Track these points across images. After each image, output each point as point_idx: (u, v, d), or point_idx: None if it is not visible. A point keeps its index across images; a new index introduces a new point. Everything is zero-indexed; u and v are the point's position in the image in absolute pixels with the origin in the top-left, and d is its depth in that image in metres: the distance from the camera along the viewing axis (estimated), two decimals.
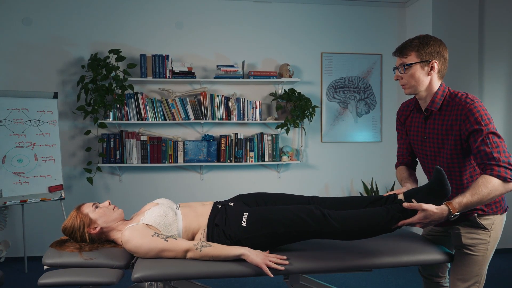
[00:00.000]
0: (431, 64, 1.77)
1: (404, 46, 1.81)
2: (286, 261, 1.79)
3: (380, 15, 4.46)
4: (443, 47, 1.79)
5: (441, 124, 1.82)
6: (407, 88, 1.84)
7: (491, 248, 1.85)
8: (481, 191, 1.65)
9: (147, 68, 3.95)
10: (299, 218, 1.81)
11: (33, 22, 3.96)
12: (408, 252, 1.95)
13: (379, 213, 1.79)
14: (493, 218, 1.84)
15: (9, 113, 3.57)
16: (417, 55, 1.77)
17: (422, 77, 1.79)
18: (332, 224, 1.78)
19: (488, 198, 1.66)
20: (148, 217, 1.94)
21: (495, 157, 1.68)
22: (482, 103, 1.76)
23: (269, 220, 1.84)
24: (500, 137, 1.75)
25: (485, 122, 1.72)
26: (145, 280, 1.74)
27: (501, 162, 1.67)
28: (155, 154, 4.02)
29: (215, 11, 4.21)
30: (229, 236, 1.89)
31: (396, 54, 1.84)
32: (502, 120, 4.26)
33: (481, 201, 1.66)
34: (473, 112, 1.72)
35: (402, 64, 1.80)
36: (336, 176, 4.45)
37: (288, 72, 4.13)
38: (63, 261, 1.88)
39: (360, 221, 1.78)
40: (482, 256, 1.84)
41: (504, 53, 4.24)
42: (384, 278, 3.49)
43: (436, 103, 1.82)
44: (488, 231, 1.83)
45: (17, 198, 3.55)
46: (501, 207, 1.86)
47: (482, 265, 1.85)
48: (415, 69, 1.78)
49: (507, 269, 3.78)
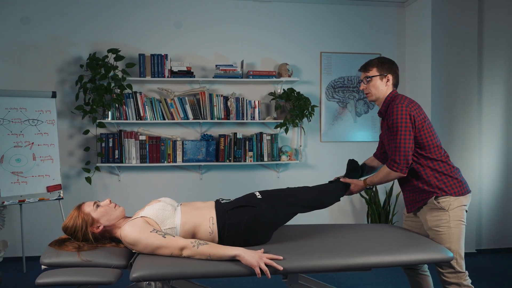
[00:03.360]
0: (387, 77, 2.28)
1: (367, 64, 2.32)
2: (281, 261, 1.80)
3: (379, 15, 4.46)
4: (395, 66, 2.31)
5: (387, 122, 2.25)
6: (370, 96, 2.33)
7: (454, 226, 2.15)
8: (381, 174, 2.25)
9: (145, 68, 3.94)
10: (301, 190, 2.25)
11: (31, 21, 3.95)
12: (406, 252, 1.95)
13: (330, 186, 2.42)
14: (448, 199, 2.16)
15: (7, 112, 3.56)
16: (377, 70, 2.28)
17: (380, 87, 2.29)
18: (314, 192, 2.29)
19: (384, 180, 2.24)
20: (147, 211, 1.98)
21: (393, 152, 2.17)
22: (404, 104, 2.16)
23: (278, 193, 2.19)
24: (406, 134, 2.13)
25: (394, 119, 2.14)
26: (144, 279, 1.74)
27: (393, 156, 2.17)
28: (154, 153, 4.01)
29: (214, 10, 4.20)
30: (245, 211, 2.01)
31: (361, 70, 2.35)
32: (500, 120, 4.26)
33: (380, 181, 2.26)
34: (392, 110, 2.18)
35: (366, 77, 2.31)
36: (335, 175, 4.43)
37: (287, 71, 4.12)
38: (61, 261, 1.88)
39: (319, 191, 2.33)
40: (447, 233, 2.15)
41: (503, 53, 4.24)
42: (383, 278, 3.49)
43: (384, 105, 2.29)
44: (446, 211, 2.16)
45: (15, 198, 3.54)
46: (456, 190, 2.18)
47: (451, 242, 2.14)
48: (376, 80, 2.28)
49: (507, 269, 3.78)
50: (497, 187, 4.27)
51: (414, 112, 2.14)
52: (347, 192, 2.41)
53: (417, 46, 4.26)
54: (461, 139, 4.06)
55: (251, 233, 1.98)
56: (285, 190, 2.27)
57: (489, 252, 4.24)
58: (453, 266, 2.13)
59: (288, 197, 2.18)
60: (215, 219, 1.98)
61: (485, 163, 4.26)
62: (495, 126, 4.26)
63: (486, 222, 4.27)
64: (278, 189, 2.28)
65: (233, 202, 2.12)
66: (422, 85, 4.15)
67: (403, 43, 4.49)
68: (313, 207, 2.25)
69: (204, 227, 1.97)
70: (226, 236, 1.97)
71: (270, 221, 2.06)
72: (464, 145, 4.07)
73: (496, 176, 4.27)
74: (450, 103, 4.04)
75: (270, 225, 2.07)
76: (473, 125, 4.10)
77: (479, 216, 4.24)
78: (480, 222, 4.25)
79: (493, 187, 4.28)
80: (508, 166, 4.29)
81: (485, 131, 4.23)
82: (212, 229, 1.97)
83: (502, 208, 4.28)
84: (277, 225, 2.11)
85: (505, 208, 4.29)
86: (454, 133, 4.05)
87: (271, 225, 2.08)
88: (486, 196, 4.26)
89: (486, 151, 4.24)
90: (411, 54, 4.39)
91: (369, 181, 2.34)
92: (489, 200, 4.27)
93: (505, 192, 4.29)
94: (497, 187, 4.27)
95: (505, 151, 4.28)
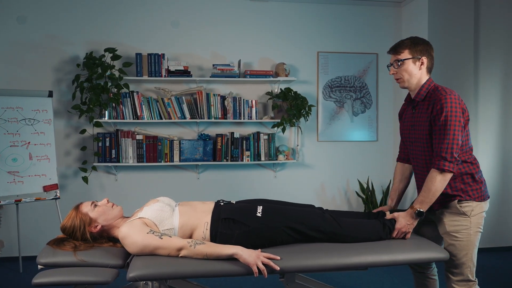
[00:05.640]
0: (421, 60, 2.03)
1: (398, 45, 2.06)
2: (278, 260, 1.80)
3: (376, 15, 4.47)
4: (430, 47, 2.06)
5: (424, 112, 2.02)
6: (401, 82, 2.08)
7: (473, 233, 2.01)
8: (428, 186, 1.93)
9: (142, 67, 3.94)
10: (314, 215, 2.02)
11: (28, 20, 3.93)
12: (403, 251, 1.96)
13: (375, 224, 2.08)
14: (471, 204, 2.00)
15: (3, 112, 3.55)
16: (410, 52, 2.02)
17: (414, 71, 2.03)
18: (340, 227, 2.00)
19: (435, 191, 1.92)
20: (145, 212, 1.98)
21: (441, 147, 1.90)
22: (456, 96, 1.94)
23: (284, 214, 2.01)
24: (458, 129, 1.91)
25: (447, 111, 1.90)
26: (140, 279, 1.73)
27: (443, 153, 1.89)
28: (151, 153, 4.01)
29: (211, 9, 4.20)
30: (238, 226, 1.94)
31: (391, 52, 2.09)
32: (497, 119, 4.27)
33: (432, 195, 1.93)
34: (442, 102, 1.92)
35: (396, 60, 2.05)
36: (332, 175, 4.46)
37: (284, 71, 4.12)
38: (58, 261, 1.88)
39: (361, 228, 2.05)
40: (466, 241, 2.00)
41: (499, 52, 4.25)
42: (380, 277, 3.50)
43: (421, 94, 2.05)
44: (468, 217, 2.00)
45: (12, 197, 3.52)
46: (479, 195, 2.02)
47: (468, 250, 2.01)
48: (408, 64, 2.03)
49: (507, 269, 3.79)
50: (493, 185, 4.28)
51: (463, 104, 1.97)
52: (396, 229, 2.05)
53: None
54: None
55: (242, 245, 1.88)
56: (295, 211, 2.05)
57: (485, 251, 4.25)
58: (466, 274, 2.02)
59: (294, 220, 1.99)
60: (209, 225, 1.97)
61: (482, 162, 4.21)
62: (491, 125, 4.27)
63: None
64: (287, 208, 2.06)
65: (232, 209, 2.03)
66: None
67: None
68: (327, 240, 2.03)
69: (199, 231, 1.97)
70: (218, 243, 1.92)
71: (262, 243, 1.95)
72: None
73: (492, 174, 4.28)
74: None
75: (264, 245, 1.95)
76: (470, 125, 4.08)
77: None
78: None
79: (490, 185, 4.28)
80: (504, 165, 4.30)
81: (481, 130, 4.25)
82: (205, 234, 1.96)
83: (499, 207, 4.29)
84: (272, 244, 1.98)
85: (502, 207, 4.30)
86: None
87: (265, 244, 1.96)
88: None
89: (483, 149, 4.25)
90: None
91: (419, 202, 1.95)
92: None
93: (502, 191, 4.30)
94: (494, 185, 4.28)
95: (502, 150, 4.30)
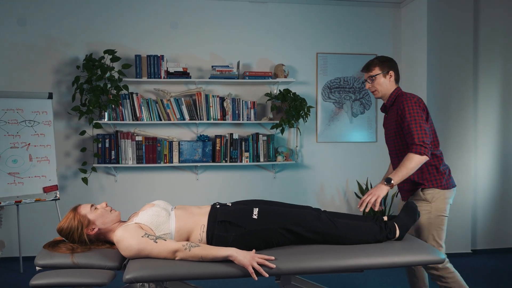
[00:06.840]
0: (390, 73, 2.42)
1: (369, 64, 2.43)
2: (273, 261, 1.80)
3: (375, 15, 4.47)
4: (395, 62, 2.45)
5: (394, 115, 2.38)
6: (376, 93, 2.44)
7: (434, 217, 2.31)
8: (405, 164, 2.19)
9: (142, 69, 3.95)
10: (309, 216, 2.04)
11: (28, 22, 3.95)
12: (399, 253, 1.96)
13: (372, 226, 2.10)
14: (433, 192, 2.32)
15: (3, 113, 3.57)
16: (380, 68, 2.41)
17: (384, 83, 2.42)
18: (336, 228, 2.03)
19: (410, 168, 2.18)
20: (141, 217, 1.99)
21: (413, 136, 2.22)
22: (415, 98, 2.31)
23: (280, 215, 2.03)
24: (422, 122, 2.23)
25: (409, 108, 2.26)
26: (137, 281, 1.74)
27: (416, 140, 2.20)
28: (150, 154, 4.02)
29: (210, 11, 4.21)
30: (234, 228, 1.95)
31: (364, 70, 2.46)
32: (496, 120, 4.27)
33: (406, 172, 2.18)
34: (403, 103, 2.29)
35: (370, 76, 2.43)
36: (331, 176, 4.46)
37: (283, 72, 4.13)
38: (55, 262, 1.89)
39: (357, 230, 2.07)
40: (427, 224, 2.32)
41: (498, 53, 4.25)
42: (375, 279, 3.50)
43: (390, 100, 2.43)
44: (429, 203, 2.32)
45: (12, 198, 3.54)
46: (441, 184, 2.33)
47: (430, 232, 2.32)
48: (380, 78, 2.41)
49: (503, 269, 3.79)
50: (492, 187, 4.29)
51: (423, 104, 2.31)
52: (363, 197, 2.20)
53: (413, 47, 4.28)
54: (456, 139, 4.08)
55: (238, 247, 1.88)
56: (291, 212, 2.06)
57: (484, 253, 4.25)
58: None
59: (290, 222, 2.00)
60: (206, 228, 1.98)
61: (481, 163, 4.27)
62: (490, 126, 4.28)
63: (481, 223, 4.28)
64: (283, 210, 2.08)
65: (228, 212, 2.04)
66: (417, 86, 4.16)
67: (399, 43, 4.51)
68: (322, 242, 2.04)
69: (195, 234, 1.99)
70: (214, 245, 1.94)
71: (258, 244, 1.96)
72: (460, 145, 4.08)
73: (491, 176, 4.28)
74: (446, 103, 4.06)
75: (259, 247, 1.96)
76: (469, 125, 4.12)
77: (475, 216, 4.25)
78: (476, 223, 4.27)
79: (489, 187, 4.30)
80: (503, 166, 4.30)
81: (480, 131, 4.25)
82: (201, 236, 1.98)
83: (498, 208, 4.30)
84: (268, 246, 2.00)
85: (501, 208, 4.30)
86: (450, 133, 4.07)
87: (261, 246, 1.97)
88: (481, 196, 4.28)
89: (482, 151, 4.26)
90: (407, 54, 4.41)
91: (393, 174, 2.20)
92: (485, 200, 4.29)
93: (501, 192, 4.30)
94: (493, 187, 4.28)
95: (501, 151, 4.30)
